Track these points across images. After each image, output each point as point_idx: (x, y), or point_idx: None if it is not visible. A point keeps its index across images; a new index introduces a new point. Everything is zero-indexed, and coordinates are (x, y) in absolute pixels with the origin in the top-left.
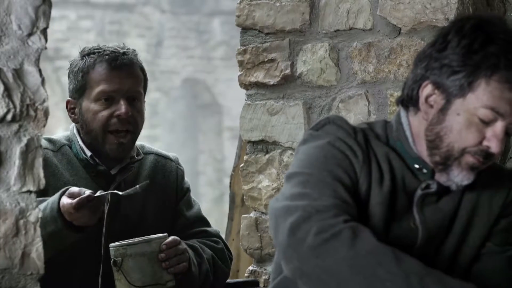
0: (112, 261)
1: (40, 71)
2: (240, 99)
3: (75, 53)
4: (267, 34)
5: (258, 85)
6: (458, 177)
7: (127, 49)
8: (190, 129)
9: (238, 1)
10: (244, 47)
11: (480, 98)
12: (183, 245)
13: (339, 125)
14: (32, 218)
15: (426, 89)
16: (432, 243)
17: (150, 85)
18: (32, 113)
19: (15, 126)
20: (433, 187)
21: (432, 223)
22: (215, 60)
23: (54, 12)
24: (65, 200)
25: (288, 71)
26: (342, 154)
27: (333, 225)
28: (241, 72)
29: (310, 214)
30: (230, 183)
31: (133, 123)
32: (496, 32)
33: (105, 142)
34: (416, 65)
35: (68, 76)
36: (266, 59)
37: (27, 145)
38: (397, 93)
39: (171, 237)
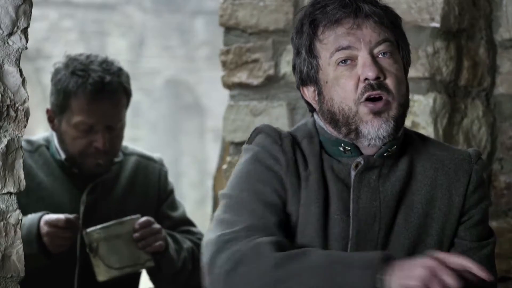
0: (88, 247)
1: (20, 71)
2: (223, 100)
3: (56, 53)
4: (250, 34)
5: (241, 85)
6: (370, 130)
7: (112, 74)
8: (172, 130)
9: (221, 1)
10: (227, 47)
11: (323, 51)
12: (158, 225)
13: (267, 133)
14: (12, 220)
15: (306, 92)
16: (366, 233)
17: (132, 85)
18: (12, 113)
19: None
20: (361, 162)
21: (365, 210)
22: (198, 60)
23: (35, 12)
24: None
25: (271, 71)
26: (263, 167)
27: (236, 252)
28: (224, 73)
29: (223, 245)
30: (213, 184)
31: (110, 149)
32: None
33: (84, 164)
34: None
35: (51, 82)
36: (250, 59)
37: (7, 146)
38: None
39: (145, 217)
